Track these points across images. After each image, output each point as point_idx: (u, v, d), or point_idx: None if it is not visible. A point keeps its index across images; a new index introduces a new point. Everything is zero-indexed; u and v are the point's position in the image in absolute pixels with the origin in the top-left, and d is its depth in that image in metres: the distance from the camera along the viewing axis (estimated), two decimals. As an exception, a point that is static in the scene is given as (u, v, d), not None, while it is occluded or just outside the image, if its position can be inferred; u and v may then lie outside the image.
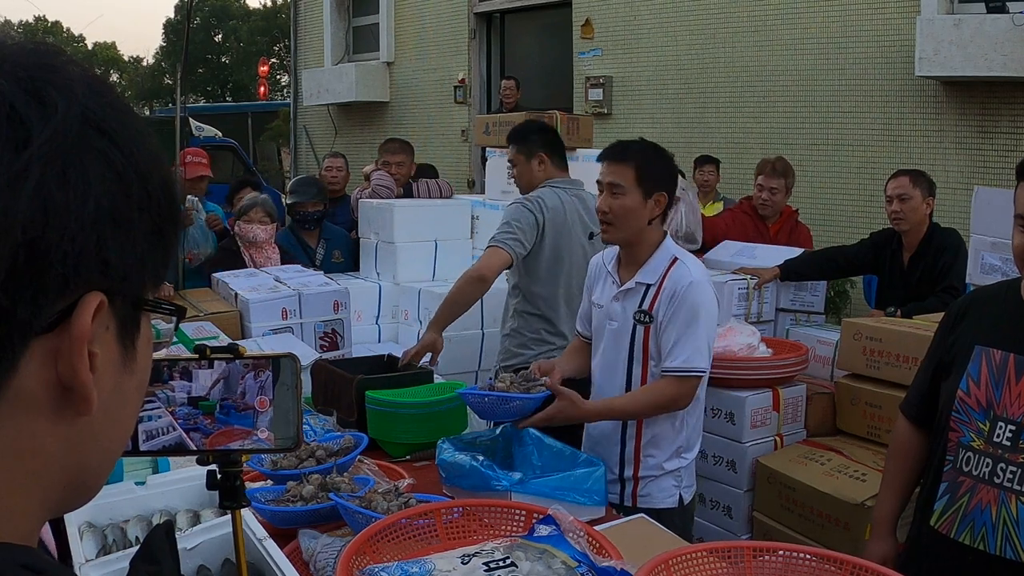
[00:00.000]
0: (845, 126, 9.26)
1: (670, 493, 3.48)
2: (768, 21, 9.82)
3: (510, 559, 1.94)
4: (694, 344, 3.28)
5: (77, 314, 0.71)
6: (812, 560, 2.04)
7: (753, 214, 6.53)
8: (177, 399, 1.39)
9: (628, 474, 3.47)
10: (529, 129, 4.85)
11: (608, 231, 3.45)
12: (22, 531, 0.72)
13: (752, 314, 5.32)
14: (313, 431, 3.48)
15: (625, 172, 3.39)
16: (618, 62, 11.36)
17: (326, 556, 2.27)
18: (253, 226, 5.80)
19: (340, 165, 7.88)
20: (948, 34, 7.85)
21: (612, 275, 3.51)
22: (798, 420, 4.70)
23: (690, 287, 3.31)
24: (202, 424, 1.39)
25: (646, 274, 3.40)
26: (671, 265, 3.39)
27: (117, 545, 2.19)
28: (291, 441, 1.41)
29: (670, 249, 3.46)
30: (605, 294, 3.53)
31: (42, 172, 0.67)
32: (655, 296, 3.36)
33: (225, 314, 4.79)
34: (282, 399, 1.39)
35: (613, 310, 3.47)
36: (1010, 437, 2.46)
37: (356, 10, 15.65)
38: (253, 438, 1.40)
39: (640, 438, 3.45)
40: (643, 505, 3.42)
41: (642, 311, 3.37)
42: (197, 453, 1.43)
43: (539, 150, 4.66)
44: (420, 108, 14.20)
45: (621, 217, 3.39)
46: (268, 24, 42.63)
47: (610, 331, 3.48)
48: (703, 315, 3.31)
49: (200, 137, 17.99)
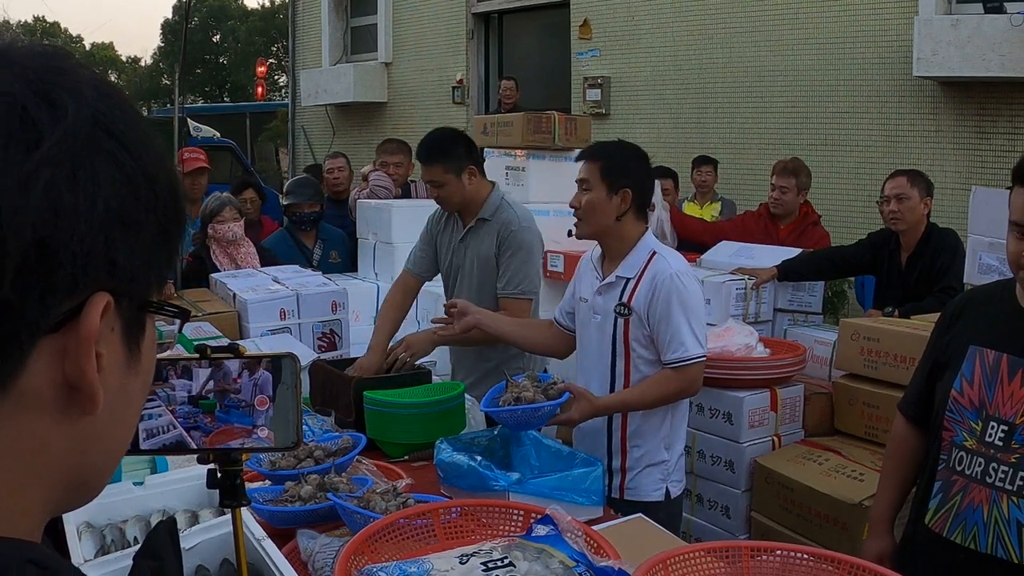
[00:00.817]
0: (843, 126, 9.26)
1: (656, 486, 3.51)
2: (766, 22, 9.83)
3: (508, 559, 1.94)
4: (685, 333, 3.34)
5: (85, 314, 0.71)
6: (810, 560, 2.05)
7: (767, 216, 6.55)
8: (178, 398, 1.39)
9: (616, 465, 3.52)
10: (448, 141, 4.28)
11: (578, 226, 3.54)
12: (23, 529, 0.73)
13: (750, 314, 5.32)
14: (311, 431, 3.48)
15: (591, 168, 3.47)
16: (616, 62, 11.36)
17: (324, 556, 2.28)
18: (228, 225, 5.81)
19: (342, 165, 7.88)
20: (946, 34, 7.86)
21: (596, 270, 3.58)
22: (796, 420, 4.71)
23: (671, 278, 3.36)
24: (202, 423, 1.40)
25: (625, 268, 3.46)
26: (650, 259, 3.45)
27: (116, 545, 2.19)
28: (290, 440, 1.42)
29: (649, 244, 3.51)
30: (588, 288, 3.60)
31: (52, 173, 0.68)
32: (634, 289, 3.42)
33: (223, 314, 4.79)
34: (282, 399, 1.39)
35: (596, 303, 3.53)
36: (1002, 437, 2.47)
37: (354, 10, 15.64)
38: (254, 437, 1.40)
39: (625, 429, 3.51)
40: (630, 497, 3.48)
41: (622, 304, 3.43)
42: (197, 452, 1.43)
43: (467, 163, 4.19)
44: (418, 109, 14.20)
45: (588, 211, 3.46)
46: (266, 24, 42.64)
47: (595, 324, 3.54)
48: (689, 302, 3.36)
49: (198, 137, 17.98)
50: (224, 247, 5.83)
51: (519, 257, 4.16)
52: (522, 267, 4.16)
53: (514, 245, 4.16)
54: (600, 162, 3.47)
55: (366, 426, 3.36)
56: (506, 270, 4.16)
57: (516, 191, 5.87)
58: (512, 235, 4.17)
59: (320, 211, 6.62)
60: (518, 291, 4.15)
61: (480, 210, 4.24)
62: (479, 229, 4.25)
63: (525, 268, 4.17)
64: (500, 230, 4.19)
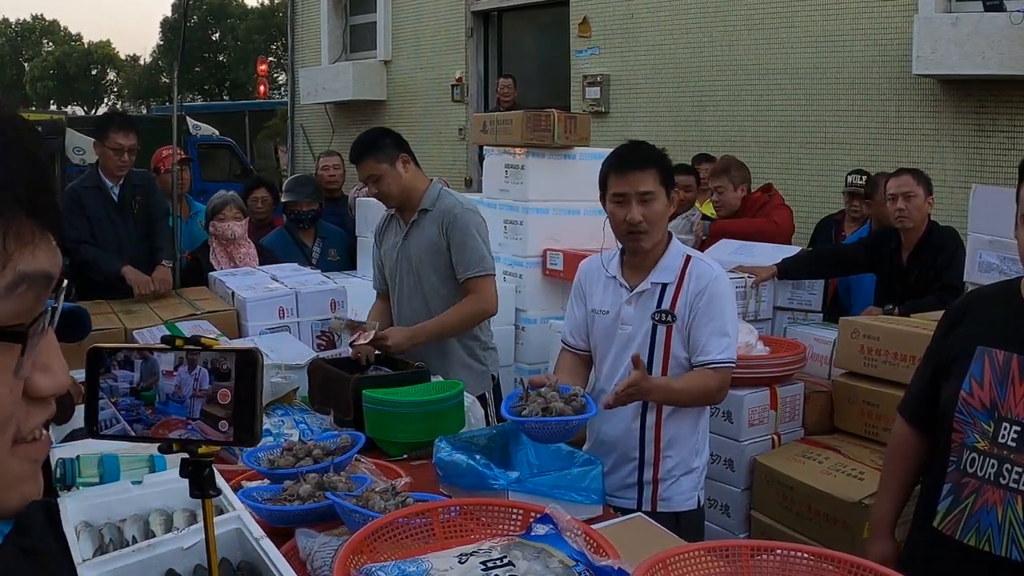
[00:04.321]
0: (842, 124, 9.27)
1: (689, 495, 3.46)
2: (766, 20, 9.83)
3: (507, 558, 1.93)
4: (730, 336, 3.30)
5: None
6: (810, 559, 2.04)
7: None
8: (120, 389, 1.38)
9: (647, 477, 3.43)
10: (375, 136, 4.42)
11: (643, 239, 3.34)
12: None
13: (750, 312, 5.33)
14: (310, 430, 3.48)
15: (651, 177, 3.32)
16: (615, 61, 11.36)
17: (323, 555, 2.27)
18: (229, 223, 5.85)
19: (337, 163, 7.87)
20: (946, 32, 7.86)
21: (619, 279, 3.45)
22: (796, 419, 4.71)
23: (716, 280, 3.32)
24: (144, 415, 1.39)
25: (661, 274, 3.37)
26: (686, 263, 3.37)
27: (114, 544, 2.18)
28: (250, 434, 1.40)
29: (679, 247, 3.45)
30: (610, 299, 3.46)
31: None
32: (675, 294, 3.33)
33: (222, 313, 4.79)
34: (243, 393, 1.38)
35: (626, 314, 3.40)
36: (1015, 438, 2.44)
37: (353, 8, 15.65)
38: (189, 427, 1.39)
39: (659, 440, 3.41)
40: (663, 509, 3.40)
41: (662, 311, 3.33)
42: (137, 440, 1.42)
43: (397, 152, 4.31)
44: (417, 107, 14.21)
45: (655, 223, 3.33)
46: (265, 23, 42.68)
47: (622, 335, 3.42)
48: (730, 307, 3.34)
49: (197, 136, 18.04)
50: (224, 245, 5.84)
51: (470, 237, 4.24)
52: (475, 247, 4.24)
53: (461, 227, 4.24)
54: (658, 167, 3.35)
55: (365, 425, 3.36)
56: (461, 254, 4.23)
57: (515, 189, 5.87)
58: (456, 219, 4.25)
59: (319, 209, 6.61)
60: (479, 270, 4.22)
61: (420, 203, 4.33)
62: (421, 221, 4.34)
63: (478, 247, 4.24)
64: (443, 217, 4.27)
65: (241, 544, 2.09)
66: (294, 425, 3.51)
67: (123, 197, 5.64)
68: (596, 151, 5.92)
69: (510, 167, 5.91)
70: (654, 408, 3.41)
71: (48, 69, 48.92)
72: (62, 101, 48.41)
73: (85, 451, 2.52)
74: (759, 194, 6.80)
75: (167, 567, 1.99)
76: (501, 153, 6.00)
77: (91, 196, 5.58)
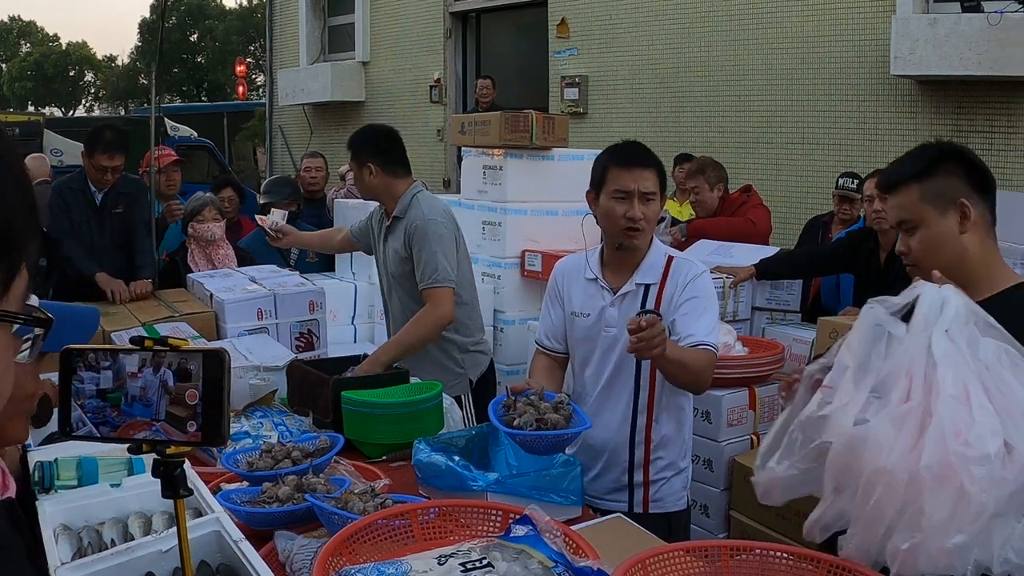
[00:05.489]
0: (821, 125, 9.30)
1: (679, 495, 3.47)
2: (744, 20, 9.85)
3: (487, 559, 1.93)
4: (712, 323, 3.31)
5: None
6: (789, 559, 2.05)
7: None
8: (86, 391, 1.38)
9: (638, 479, 3.41)
10: (362, 138, 4.63)
11: (638, 237, 3.34)
12: None
13: (728, 313, 5.34)
14: (289, 432, 3.46)
15: (652, 177, 3.33)
16: (594, 61, 11.37)
17: (303, 557, 2.26)
18: (208, 225, 5.83)
19: (319, 165, 7.84)
20: (923, 33, 7.89)
21: (600, 282, 3.43)
22: (775, 419, 4.71)
23: (701, 276, 3.34)
24: (110, 416, 1.38)
25: (645, 275, 3.37)
26: (669, 263, 3.38)
27: (92, 548, 2.17)
28: (218, 434, 1.40)
29: (661, 247, 3.45)
30: (591, 302, 3.45)
31: None
32: (659, 294, 3.34)
33: (200, 315, 4.76)
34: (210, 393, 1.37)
35: (610, 316, 3.39)
36: None
37: (332, 10, 15.62)
38: (153, 429, 1.39)
39: (650, 441, 3.40)
40: (655, 510, 3.40)
41: (647, 311, 3.24)
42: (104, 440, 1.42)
43: (368, 160, 4.47)
44: (396, 108, 14.18)
45: (651, 223, 3.35)
46: (244, 24, 42.51)
47: (606, 338, 3.40)
48: (713, 304, 3.36)
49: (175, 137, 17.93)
50: (203, 247, 5.81)
51: (427, 248, 4.30)
52: (432, 258, 4.29)
53: (419, 238, 4.32)
54: (658, 169, 3.37)
55: (344, 426, 3.35)
56: (419, 264, 4.32)
57: (493, 190, 5.87)
58: (417, 230, 4.34)
59: (297, 210, 6.60)
60: (432, 280, 4.28)
61: (394, 210, 4.48)
62: (395, 227, 4.50)
63: (435, 259, 4.29)
64: (407, 227, 4.39)
65: (220, 546, 2.08)
66: (273, 427, 3.49)
67: (104, 204, 5.64)
68: (574, 152, 5.93)
69: (488, 168, 5.91)
70: (645, 409, 3.39)
71: (26, 70, 48.62)
72: (40, 102, 48.16)
73: (63, 454, 2.50)
74: (738, 194, 6.82)
75: (146, 570, 1.99)
76: (479, 154, 6.01)
77: (75, 198, 5.62)
